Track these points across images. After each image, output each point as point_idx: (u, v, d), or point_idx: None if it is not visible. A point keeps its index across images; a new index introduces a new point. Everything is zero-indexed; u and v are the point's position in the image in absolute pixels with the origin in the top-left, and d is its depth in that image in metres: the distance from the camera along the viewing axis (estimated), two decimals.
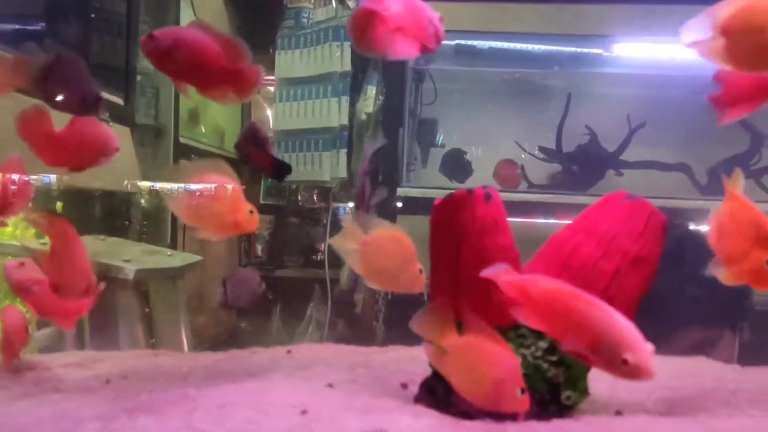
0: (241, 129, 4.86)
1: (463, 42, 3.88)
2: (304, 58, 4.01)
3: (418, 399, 1.05)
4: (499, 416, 0.99)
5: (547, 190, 3.75)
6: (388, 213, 3.30)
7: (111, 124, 2.87)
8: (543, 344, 1.03)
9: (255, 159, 1.41)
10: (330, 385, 1.07)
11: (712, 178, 3.82)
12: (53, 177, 2.93)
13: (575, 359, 1.03)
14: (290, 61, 4.04)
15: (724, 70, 1.15)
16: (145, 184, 2.91)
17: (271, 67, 4.14)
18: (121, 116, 2.81)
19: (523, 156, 3.84)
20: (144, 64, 3.34)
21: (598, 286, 1.02)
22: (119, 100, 2.81)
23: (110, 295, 2.08)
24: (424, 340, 0.97)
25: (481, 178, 3.85)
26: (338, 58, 3.89)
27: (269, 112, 4.42)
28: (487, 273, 0.93)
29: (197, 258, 2.65)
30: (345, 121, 3.89)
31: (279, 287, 4.20)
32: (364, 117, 3.95)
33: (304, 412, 0.89)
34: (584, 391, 1.05)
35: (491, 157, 3.90)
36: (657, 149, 3.84)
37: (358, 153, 3.92)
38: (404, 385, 1.12)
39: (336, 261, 3.65)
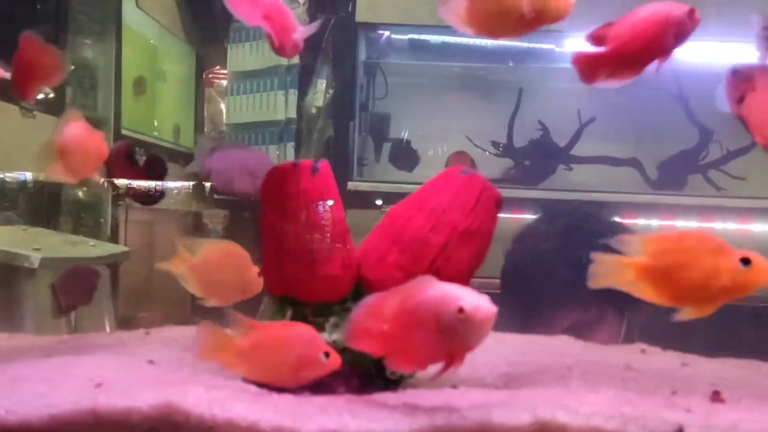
0: (195, 126, 4.84)
1: (416, 36, 3.88)
2: (254, 51, 4.00)
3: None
4: (320, 389, 0.98)
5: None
6: None
7: (35, 113, 2.84)
8: None
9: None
10: (151, 362, 1.05)
11: (662, 174, 3.84)
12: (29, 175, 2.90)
13: None
14: (241, 54, 4.03)
15: (604, 29, 1.13)
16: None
17: (225, 60, 4.13)
18: (50, 106, 2.78)
19: (489, 153, 3.84)
20: (82, 54, 3.32)
21: (426, 259, 1.01)
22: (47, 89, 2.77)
23: (16, 284, 2.06)
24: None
25: (432, 170, 3.84)
26: None
27: (222, 106, 4.40)
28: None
29: (122, 249, 2.63)
30: (292, 114, 3.88)
31: None
32: (314, 111, 3.94)
33: (98, 385, 0.87)
34: None
35: (445, 151, 3.90)
36: (608, 144, 3.85)
37: (308, 147, 3.91)
38: None
39: None
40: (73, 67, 3.08)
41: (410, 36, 3.94)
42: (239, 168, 1.41)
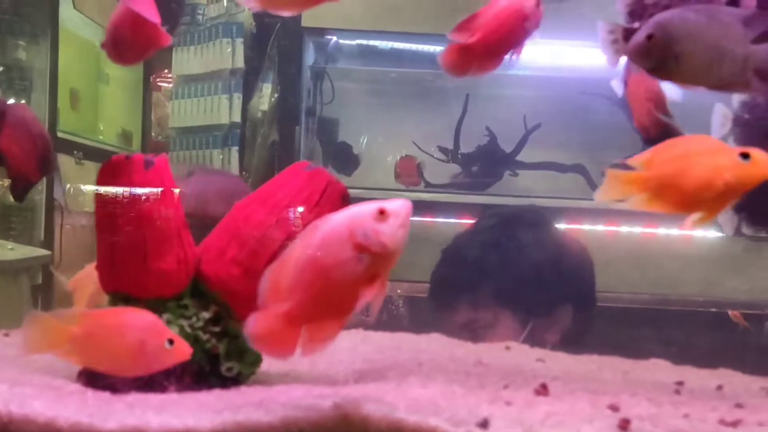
0: (143, 128, 4.79)
1: (364, 42, 3.89)
2: (198, 55, 3.99)
3: (80, 375, 1.01)
4: (150, 388, 0.96)
5: (443, 190, 3.76)
6: None
7: None
8: (206, 315, 1.00)
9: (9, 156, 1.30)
10: None
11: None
12: None
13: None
14: (186, 58, 4.01)
15: (468, 22, 1.16)
16: None
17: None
18: None
19: (435, 158, 3.83)
20: (15, 55, 3.27)
21: (265, 254, 0.99)
22: None
23: None
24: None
25: (375, 174, 3.84)
26: (229, 54, 3.87)
27: (169, 110, 4.36)
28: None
29: (43, 252, 2.58)
30: (237, 119, 3.86)
31: None
32: (259, 115, 3.93)
33: None
34: (254, 363, 1.03)
35: (394, 156, 3.90)
36: (555, 151, 3.87)
37: (252, 151, 3.89)
38: None
39: None
40: (1, 68, 3.03)
41: (358, 41, 3.94)
42: (214, 192, 1.41)
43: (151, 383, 0.96)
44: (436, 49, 3.90)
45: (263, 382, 1.02)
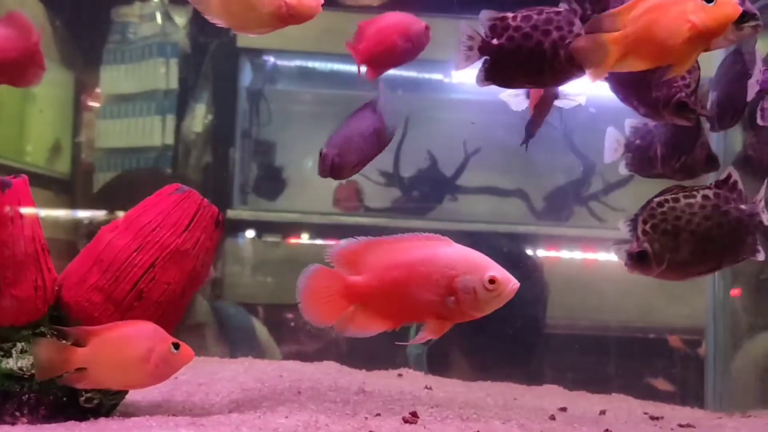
0: (73, 148, 4.62)
1: (303, 63, 3.83)
2: (130, 74, 3.85)
3: None
4: None
5: (383, 215, 3.70)
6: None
7: None
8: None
9: None
10: None
11: (547, 204, 3.87)
12: None
13: None
14: (116, 77, 3.87)
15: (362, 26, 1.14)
16: None
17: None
18: None
19: (373, 182, 3.78)
20: None
21: (128, 280, 0.91)
22: None
23: None
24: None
25: (306, 198, 3.77)
26: (163, 74, 3.75)
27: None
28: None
29: None
30: (170, 141, 3.74)
31: None
32: (193, 136, 3.82)
33: None
34: (116, 394, 0.93)
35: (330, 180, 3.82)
36: (496, 175, 3.86)
37: (185, 172, 3.78)
38: None
39: None
40: None
41: (297, 63, 3.89)
42: None
43: (0, 415, 0.86)
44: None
45: (128, 414, 0.93)
